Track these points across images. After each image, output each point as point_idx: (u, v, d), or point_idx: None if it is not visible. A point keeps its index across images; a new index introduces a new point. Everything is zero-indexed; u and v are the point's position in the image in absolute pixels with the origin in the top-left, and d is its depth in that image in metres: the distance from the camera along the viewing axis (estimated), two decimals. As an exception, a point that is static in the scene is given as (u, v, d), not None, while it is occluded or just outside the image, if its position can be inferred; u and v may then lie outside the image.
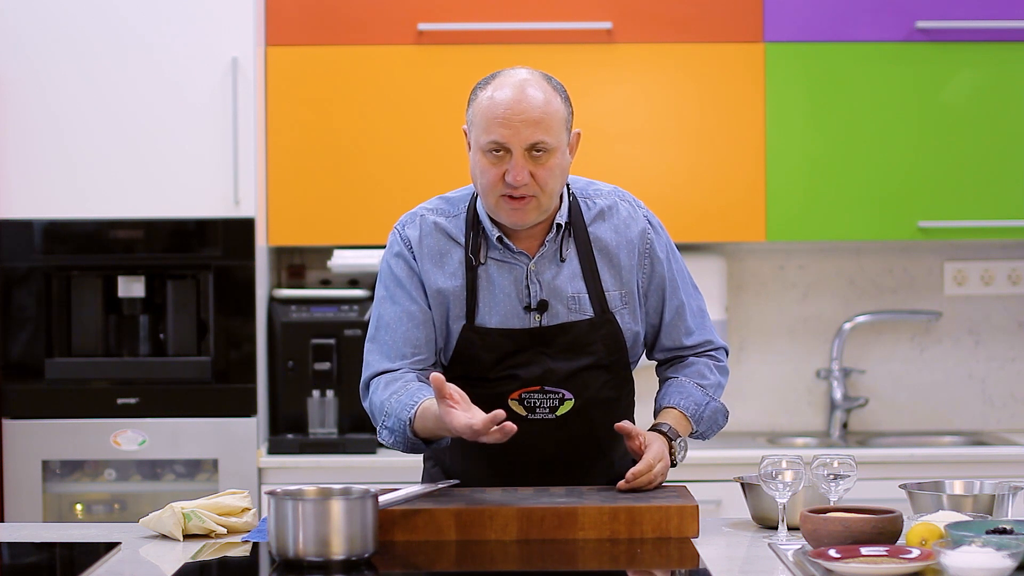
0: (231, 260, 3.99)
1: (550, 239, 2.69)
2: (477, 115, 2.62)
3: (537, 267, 2.69)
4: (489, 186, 2.61)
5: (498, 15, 4.15)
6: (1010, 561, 2.03)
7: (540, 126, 2.57)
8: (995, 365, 4.54)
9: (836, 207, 4.19)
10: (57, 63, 3.98)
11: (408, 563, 2.35)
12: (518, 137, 2.56)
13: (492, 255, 2.69)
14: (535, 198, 2.61)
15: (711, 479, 3.91)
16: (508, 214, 2.63)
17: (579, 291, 2.70)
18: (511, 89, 2.59)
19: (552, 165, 2.59)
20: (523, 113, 2.57)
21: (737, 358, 4.50)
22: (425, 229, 2.72)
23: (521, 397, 2.68)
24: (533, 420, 2.68)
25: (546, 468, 2.70)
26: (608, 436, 2.72)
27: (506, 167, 2.58)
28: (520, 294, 2.68)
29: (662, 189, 4.19)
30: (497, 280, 2.68)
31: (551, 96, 2.61)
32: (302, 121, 4.15)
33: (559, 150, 2.61)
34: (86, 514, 4.03)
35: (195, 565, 2.34)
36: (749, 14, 4.17)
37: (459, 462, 2.75)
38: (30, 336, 3.98)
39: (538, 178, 2.59)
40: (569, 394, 2.69)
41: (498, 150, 2.58)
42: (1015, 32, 4.18)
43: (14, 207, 3.98)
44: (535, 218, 2.64)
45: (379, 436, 2.68)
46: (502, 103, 2.58)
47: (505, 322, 2.68)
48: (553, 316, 2.69)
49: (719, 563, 2.29)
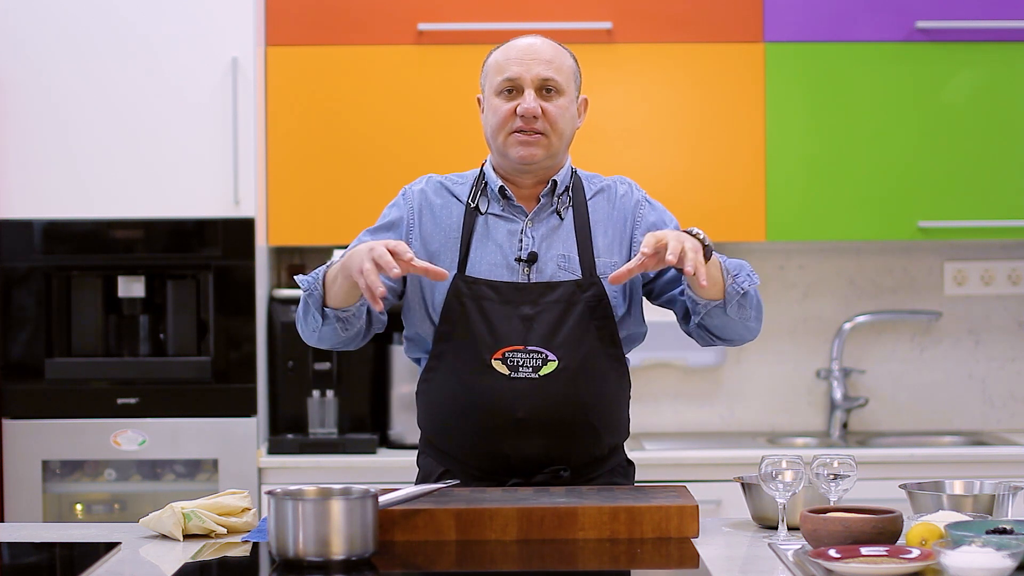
0: (231, 260, 3.99)
1: (546, 194, 2.76)
2: (491, 68, 2.78)
3: (533, 222, 2.76)
4: (501, 122, 2.73)
5: (498, 15, 4.15)
6: (1010, 561, 2.03)
7: (551, 65, 2.73)
8: (995, 365, 4.54)
9: (836, 207, 4.19)
10: (57, 63, 3.98)
11: (408, 563, 2.35)
12: (530, 73, 2.71)
13: (492, 209, 2.78)
14: (545, 136, 2.72)
15: (711, 479, 3.91)
16: (517, 147, 2.72)
17: (570, 251, 2.75)
18: (523, 40, 2.78)
19: (562, 105, 2.74)
20: (535, 53, 2.74)
21: (737, 358, 4.50)
22: (431, 185, 2.84)
23: (504, 356, 2.69)
24: (516, 379, 2.69)
25: (527, 429, 2.68)
26: (592, 402, 2.72)
27: (518, 102, 2.71)
28: (513, 247, 2.74)
29: (662, 189, 4.17)
30: (493, 232, 2.76)
31: (560, 49, 2.79)
32: (302, 121, 4.15)
33: (568, 95, 2.75)
34: (86, 514, 4.03)
35: (195, 565, 2.34)
36: (749, 14, 4.17)
37: (440, 426, 2.76)
38: (30, 336, 3.99)
39: (548, 115, 2.72)
40: (552, 355, 2.69)
41: (511, 89, 2.72)
42: (1015, 32, 4.18)
43: (14, 207, 3.98)
44: (542, 157, 2.73)
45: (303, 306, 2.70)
46: (515, 48, 2.76)
47: (494, 273, 2.72)
48: (542, 273, 2.73)
49: (719, 563, 2.29)
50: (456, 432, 2.74)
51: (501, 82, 2.73)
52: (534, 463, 2.70)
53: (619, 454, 2.83)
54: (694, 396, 4.50)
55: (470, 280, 2.72)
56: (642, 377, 4.48)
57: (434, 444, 2.80)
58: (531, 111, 2.70)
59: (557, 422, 2.70)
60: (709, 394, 4.51)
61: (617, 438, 2.81)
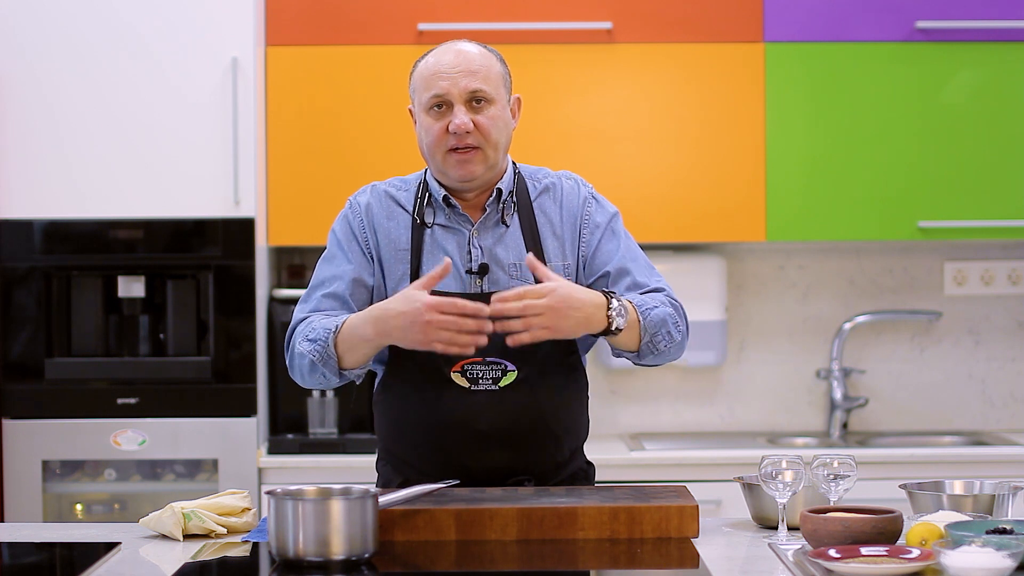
0: (231, 260, 3.99)
1: (491, 203, 2.73)
2: (418, 80, 2.72)
3: (480, 232, 2.73)
4: (435, 142, 2.69)
5: (498, 15, 4.15)
6: (1010, 561, 2.03)
7: (478, 76, 2.67)
8: (995, 365, 4.54)
9: (836, 207, 4.19)
10: (57, 63, 3.98)
11: (408, 563, 2.35)
12: (457, 87, 2.66)
13: (438, 220, 2.74)
14: (480, 150, 2.68)
15: (711, 479, 3.91)
16: (455, 167, 2.68)
17: (521, 258, 2.72)
18: (446, 51, 2.72)
19: (493, 115, 2.68)
20: (460, 65, 2.68)
21: (737, 358, 4.50)
22: (375, 196, 2.80)
23: (463, 368, 2.68)
24: (476, 392, 2.68)
25: (489, 442, 2.67)
26: (553, 411, 2.72)
27: (449, 119, 2.66)
28: (463, 259, 2.71)
29: (662, 189, 4.19)
30: (442, 244, 2.73)
31: (486, 54, 2.72)
32: (302, 121, 4.15)
33: (499, 103, 2.70)
34: (86, 514, 4.03)
35: (195, 565, 2.34)
36: (749, 14, 4.17)
37: (399, 439, 2.75)
38: (30, 336, 3.99)
39: (481, 127, 2.67)
40: (512, 365, 2.68)
41: (440, 105, 2.67)
42: (1015, 32, 4.18)
43: (14, 207, 3.98)
44: (482, 171, 2.69)
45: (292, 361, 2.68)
46: (440, 61, 2.70)
47: (447, 285, 2.68)
48: (494, 282, 2.71)
49: (719, 563, 2.29)
50: (416, 444, 2.73)
51: (430, 99, 2.67)
52: (497, 474, 2.69)
53: (580, 457, 2.83)
54: (694, 396, 4.50)
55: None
56: (642, 377, 4.48)
57: (393, 453, 2.79)
58: (463, 127, 2.64)
59: (519, 433, 2.68)
60: (709, 394, 4.50)
61: (577, 441, 2.81)
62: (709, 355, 4.35)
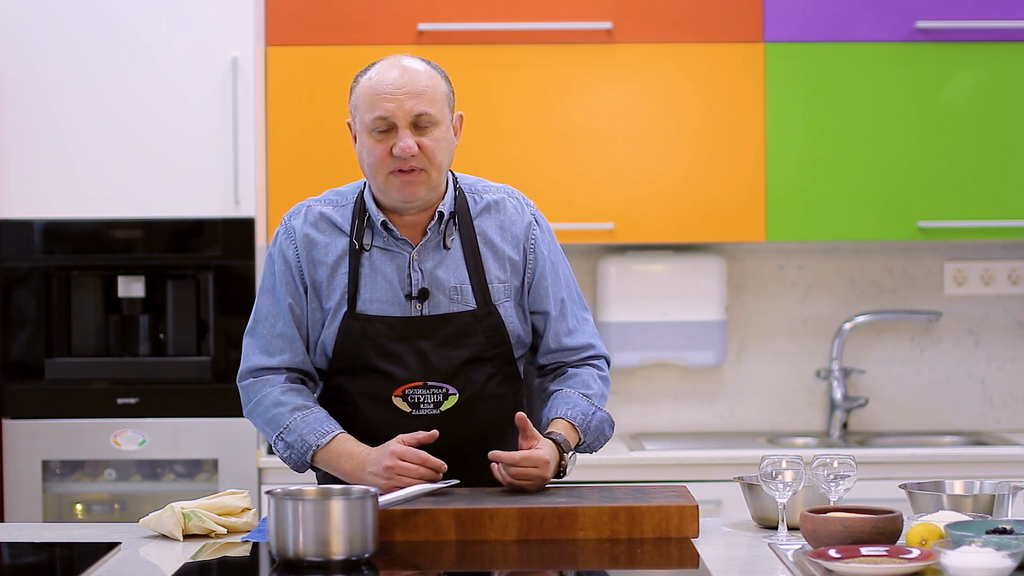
0: (231, 260, 3.99)
1: (432, 227, 2.70)
2: (360, 98, 2.66)
3: (420, 255, 2.70)
4: (377, 163, 2.64)
5: (498, 15, 4.15)
6: (1010, 561, 2.03)
7: (423, 98, 2.62)
8: (995, 365, 4.54)
9: (836, 207, 4.19)
10: (57, 63, 3.98)
11: (408, 563, 2.35)
12: (403, 110, 2.61)
13: (376, 243, 2.70)
14: (424, 171, 2.63)
15: (711, 479, 3.91)
16: (398, 189, 2.64)
17: (462, 281, 2.70)
18: (391, 67, 2.66)
19: (438, 137, 2.64)
20: (406, 87, 2.62)
21: (737, 358, 4.50)
22: (310, 219, 2.74)
23: (404, 393, 2.68)
24: (418, 416, 2.67)
25: None
26: (496, 432, 2.71)
27: (393, 142, 2.61)
28: (402, 282, 2.69)
29: (662, 189, 4.19)
30: (380, 267, 2.69)
31: (432, 73, 2.68)
32: (302, 121, 4.15)
33: (443, 124, 2.65)
34: (86, 514, 4.03)
35: (195, 565, 2.34)
36: (749, 14, 4.17)
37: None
38: (30, 336, 3.99)
39: (425, 150, 2.62)
40: (453, 389, 2.68)
41: (384, 128, 2.62)
42: (1015, 32, 4.18)
43: (14, 207, 3.98)
44: (424, 193, 2.66)
45: (272, 442, 2.71)
46: (384, 80, 2.64)
47: (386, 310, 2.67)
48: (435, 306, 2.69)
49: (719, 563, 2.29)
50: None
51: (374, 120, 2.62)
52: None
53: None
54: (694, 396, 4.50)
55: (363, 318, 2.68)
56: (642, 377, 4.48)
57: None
58: (408, 151, 2.60)
59: (461, 454, 2.66)
60: (709, 394, 4.50)
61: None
62: (709, 355, 4.35)
